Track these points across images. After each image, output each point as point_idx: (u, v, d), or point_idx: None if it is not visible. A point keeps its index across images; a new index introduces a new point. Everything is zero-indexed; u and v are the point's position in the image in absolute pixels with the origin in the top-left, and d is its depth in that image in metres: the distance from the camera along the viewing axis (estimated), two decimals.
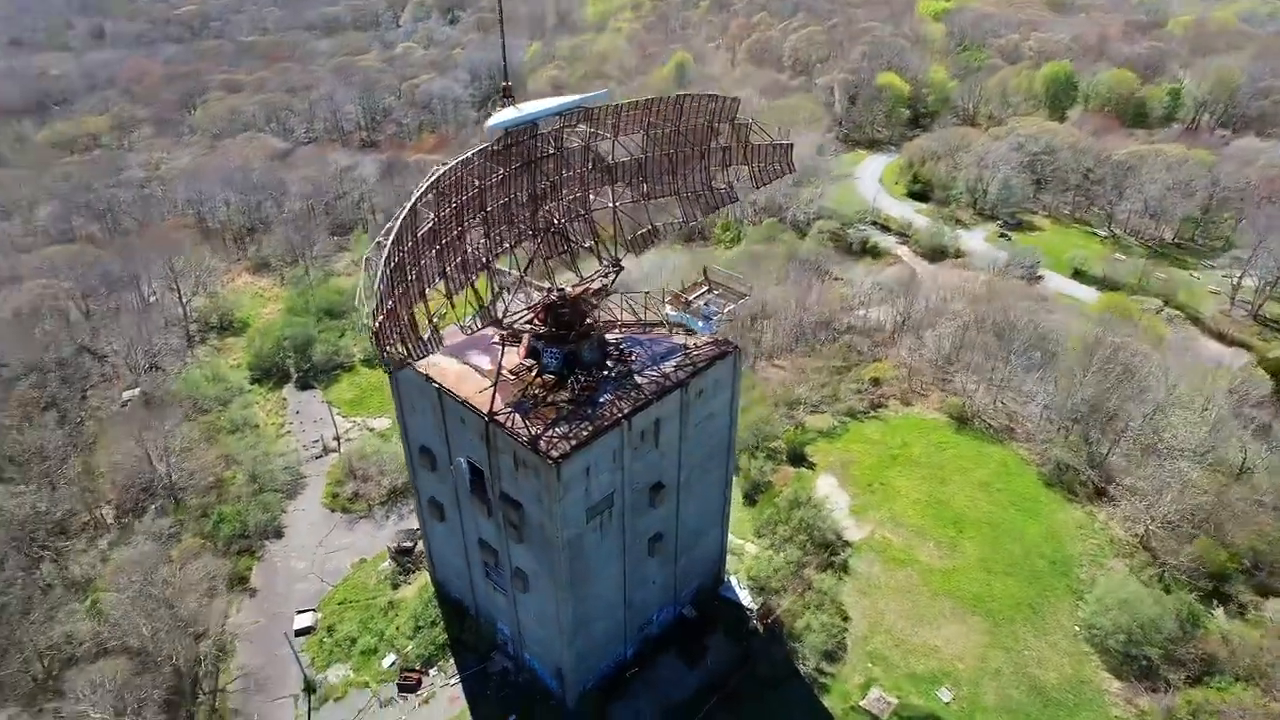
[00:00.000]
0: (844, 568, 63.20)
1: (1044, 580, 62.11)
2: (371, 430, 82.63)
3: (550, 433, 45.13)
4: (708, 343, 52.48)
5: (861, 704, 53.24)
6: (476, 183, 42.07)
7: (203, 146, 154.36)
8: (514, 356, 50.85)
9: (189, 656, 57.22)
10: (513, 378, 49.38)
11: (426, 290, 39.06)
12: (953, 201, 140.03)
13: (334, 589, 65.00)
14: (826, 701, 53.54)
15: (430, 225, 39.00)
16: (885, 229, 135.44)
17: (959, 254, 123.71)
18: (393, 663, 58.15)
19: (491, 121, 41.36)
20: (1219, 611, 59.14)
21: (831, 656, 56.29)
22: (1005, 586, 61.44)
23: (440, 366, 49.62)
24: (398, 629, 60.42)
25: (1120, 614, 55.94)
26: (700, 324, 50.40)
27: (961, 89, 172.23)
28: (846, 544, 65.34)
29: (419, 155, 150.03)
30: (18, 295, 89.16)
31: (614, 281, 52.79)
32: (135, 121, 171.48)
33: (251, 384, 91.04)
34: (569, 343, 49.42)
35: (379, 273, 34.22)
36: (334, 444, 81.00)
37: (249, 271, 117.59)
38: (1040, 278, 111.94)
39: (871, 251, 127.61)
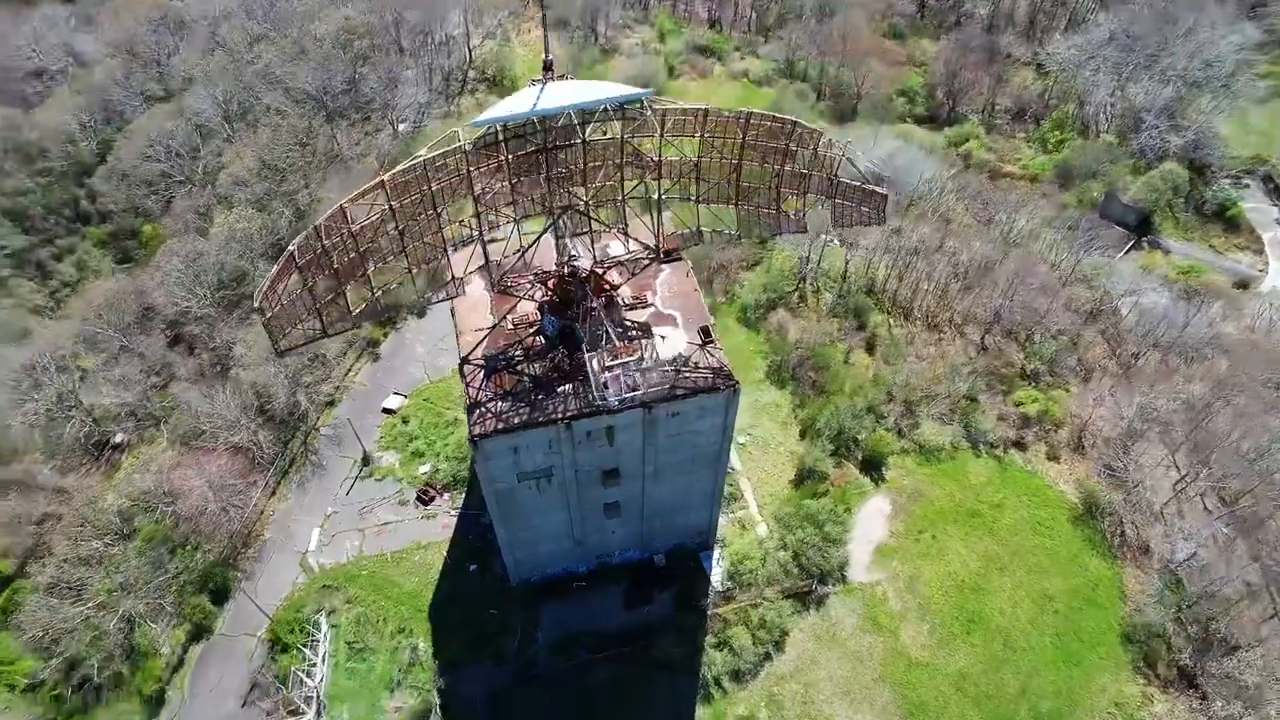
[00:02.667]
0: (819, 603, 61.06)
1: None
2: None
3: (494, 403, 48.03)
4: (710, 367, 49.22)
5: None
6: (462, 170, 41.48)
7: None
8: (530, 305, 52.18)
9: (305, 397, 73.76)
10: (510, 328, 51.46)
11: (371, 269, 41.75)
12: None
13: (429, 384, 77.05)
14: (700, 712, 56.31)
15: (380, 215, 40.39)
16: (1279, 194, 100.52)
17: None
18: (425, 473, 70.13)
19: (475, 119, 39.43)
20: None
21: (737, 677, 57.52)
22: (962, 713, 55.88)
23: (469, 291, 52.76)
24: (445, 446, 71.48)
25: None
26: (602, 386, 45.81)
27: None
28: (843, 579, 62.13)
29: None
30: (336, 17, 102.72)
31: (642, 271, 50.19)
32: None
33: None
34: (566, 318, 49.55)
35: (280, 265, 37.60)
36: None
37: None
38: None
39: (1229, 221, 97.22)
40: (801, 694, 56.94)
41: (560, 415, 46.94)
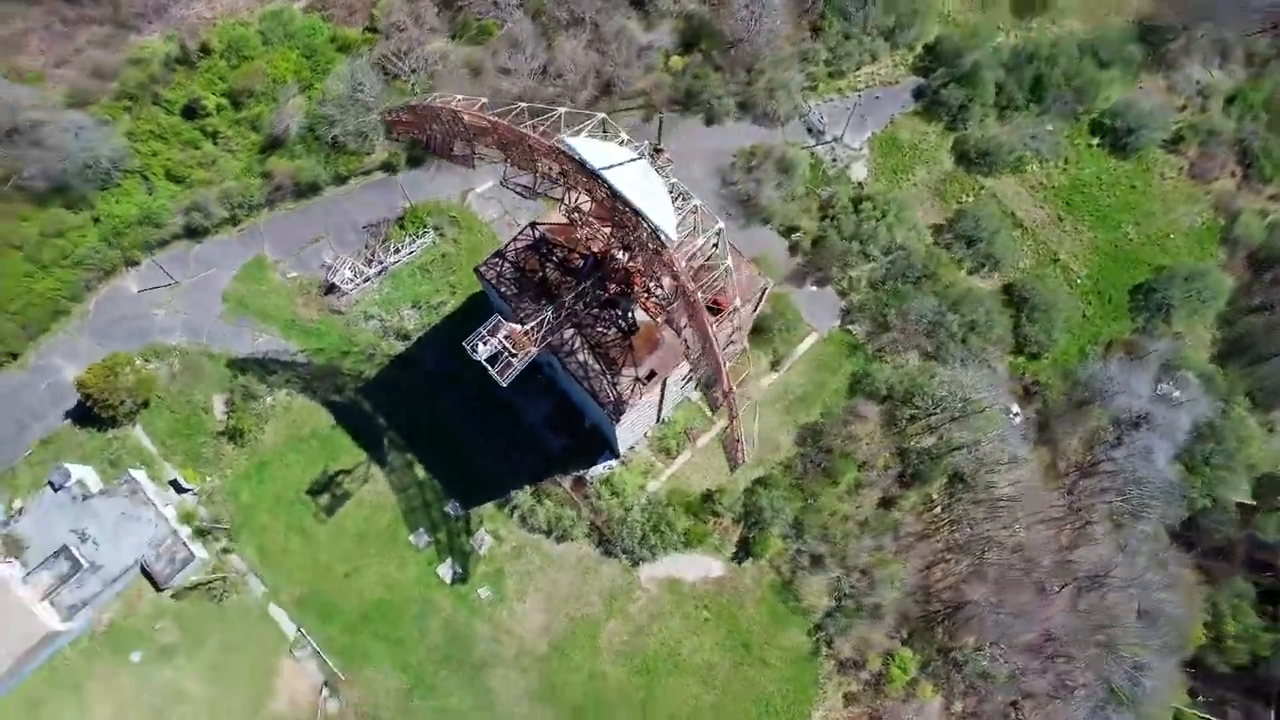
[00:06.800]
0: (606, 552, 75.57)
1: None
2: None
3: (508, 266, 61.66)
4: (619, 392, 58.93)
5: (478, 541, 76.17)
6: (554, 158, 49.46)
7: None
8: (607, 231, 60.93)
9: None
10: (579, 234, 61.64)
11: (475, 142, 53.30)
12: None
13: None
14: (489, 506, 76.77)
15: (486, 127, 50.43)
16: None
17: None
18: None
19: (564, 136, 46.52)
20: None
21: (523, 520, 75.83)
22: (566, 682, 72.98)
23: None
24: None
25: None
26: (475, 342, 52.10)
27: None
28: (632, 566, 75.15)
29: None
30: None
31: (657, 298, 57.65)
32: None
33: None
34: (595, 267, 59.11)
35: (404, 105, 50.90)
36: None
37: None
38: None
39: None
40: (533, 568, 75.18)
41: (518, 314, 60.00)
